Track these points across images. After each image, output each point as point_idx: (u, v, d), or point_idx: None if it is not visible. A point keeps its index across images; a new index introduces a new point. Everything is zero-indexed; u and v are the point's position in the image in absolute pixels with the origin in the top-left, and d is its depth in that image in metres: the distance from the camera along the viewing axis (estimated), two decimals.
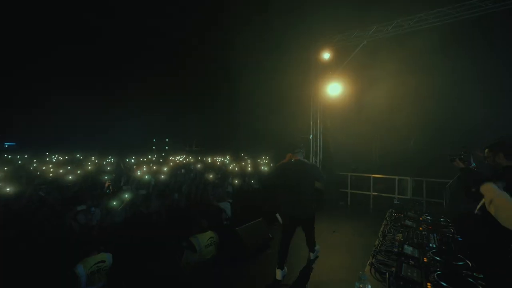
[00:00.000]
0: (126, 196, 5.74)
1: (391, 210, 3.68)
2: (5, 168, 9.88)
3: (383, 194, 7.56)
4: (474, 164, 3.39)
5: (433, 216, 3.20)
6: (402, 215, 3.34)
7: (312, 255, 4.40)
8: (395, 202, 3.71)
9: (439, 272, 1.78)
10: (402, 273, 1.78)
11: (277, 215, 6.46)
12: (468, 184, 3.10)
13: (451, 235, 2.57)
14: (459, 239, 2.48)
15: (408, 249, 2.20)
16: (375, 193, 7.74)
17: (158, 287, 3.63)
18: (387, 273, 1.71)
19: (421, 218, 3.15)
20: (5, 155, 15.11)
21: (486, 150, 2.80)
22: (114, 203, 5.50)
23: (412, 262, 1.98)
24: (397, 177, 7.27)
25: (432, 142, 8.20)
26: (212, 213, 5.52)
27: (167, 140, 29.73)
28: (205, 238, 4.58)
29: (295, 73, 9.67)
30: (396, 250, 2.21)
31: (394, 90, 8.17)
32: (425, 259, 2.04)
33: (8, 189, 5.27)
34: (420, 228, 2.79)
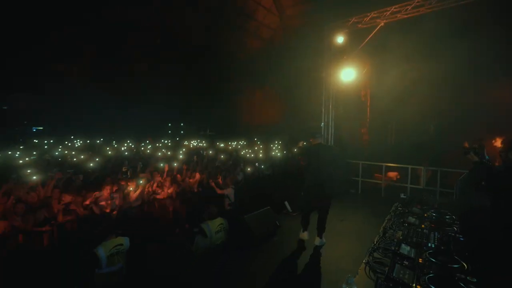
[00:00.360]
0: (141, 182, 6.06)
1: (397, 204, 3.66)
2: (34, 153, 10.60)
3: (396, 184, 7.45)
4: (487, 157, 3.29)
5: (438, 213, 3.16)
6: (407, 210, 3.33)
7: (318, 241, 4.53)
8: (402, 196, 3.67)
9: (431, 275, 1.81)
10: (394, 274, 1.82)
11: (286, 202, 6.61)
12: (480, 178, 3.06)
13: (453, 234, 2.56)
14: (461, 239, 2.46)
15: (405, 249, 2.21)
16: (372, 181, 7.59)
17: (170, 272, 3.89)
18: (376, 275, 1.76)
19: (425, 215, 3.13)
20: (34, 140, 16.13)
21: (501, 146, 2.78)
22: (131, 188, 5.84)
23: (407, 263, 2.00)
24: (410, 166, 7.09)
25: (451, 129, 7.82)
26: (215, 199, 5.78)
27: (182, 124, 30.26)
28: (215, 225, 4.82)
29: (307, 59, 9.35)
30: (393, 248, 2.24)
31: (411, 75, 7.73)
32: (420, 260, 2.06)
33: (35, 176, 5.67)
34: (422, 226, 2.78)
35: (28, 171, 5.65)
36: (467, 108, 7.39)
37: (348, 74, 7.56)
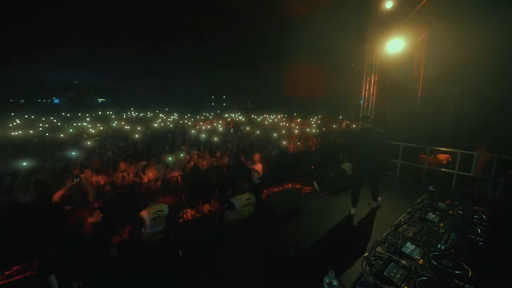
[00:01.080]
0: (181, 155, 6.69)
1: (424, 196, 3.45)
2: (98, 125, 12.30)
3: (441, 168, 6.76)
4: None
5: (466, 211, 2.90)
6: (432, 204, 3.12)
7: (374, 204, 5.34)
8: (430, 189, 3.41)
9: (423, 278, 1.79)
10: (384, 273, 1.84)
11: (314, 182, 6.64)
12: None
13: (472, 237, 2.37)
14: (480, 243, 2.28)
15: (409, 248, 2.16)
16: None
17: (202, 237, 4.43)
18: (371, 270, 1.80)
19: (450, 212, 2.90)
20: (99, 113, 18.58)
21: None
22: (171, 159, 6.48)
23: (404, 263, 1.98)
24: (459, 151, 6.28)
25: None
26: (245, 173, 6.12)
27: (224, 97, 31.11)
28: (243, 199, 5.22)
29: (348, 28, 8.45)
30: (397, 245, 2.21)
31: (474, 44, 6.42)
32: (420, 261, 2.01)
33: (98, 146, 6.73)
34: (441, 224, 2.61)
35: (89, 142, 6.67)
36: None
37: (395, 45, 6.69)
